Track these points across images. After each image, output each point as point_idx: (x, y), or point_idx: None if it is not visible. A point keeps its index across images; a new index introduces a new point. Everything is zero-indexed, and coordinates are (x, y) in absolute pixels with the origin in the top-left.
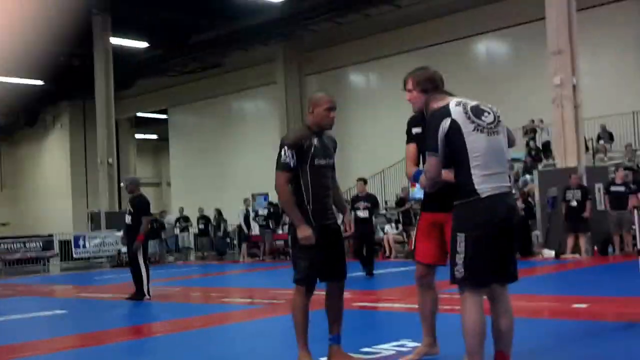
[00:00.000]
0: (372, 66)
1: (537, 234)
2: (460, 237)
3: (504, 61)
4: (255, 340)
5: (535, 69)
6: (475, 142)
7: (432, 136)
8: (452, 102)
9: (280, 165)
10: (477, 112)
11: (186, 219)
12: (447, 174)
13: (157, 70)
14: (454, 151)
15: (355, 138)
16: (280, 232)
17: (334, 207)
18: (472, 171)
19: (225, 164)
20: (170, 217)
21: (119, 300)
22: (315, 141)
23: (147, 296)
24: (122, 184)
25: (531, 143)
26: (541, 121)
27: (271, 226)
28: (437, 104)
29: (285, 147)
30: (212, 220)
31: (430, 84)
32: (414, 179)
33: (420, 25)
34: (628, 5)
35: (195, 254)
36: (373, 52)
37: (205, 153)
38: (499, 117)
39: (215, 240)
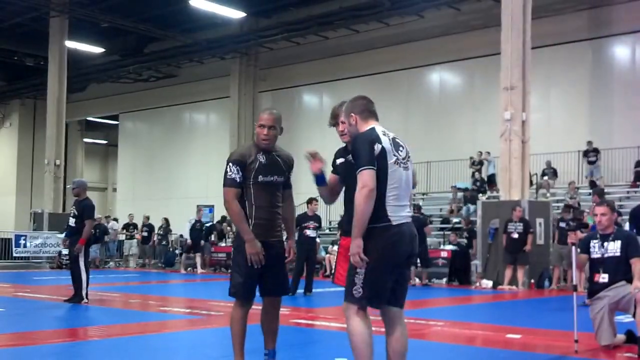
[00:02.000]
0: (325, 88)
1: (476, 263)
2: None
3: (456, 92)
4: (192, 350)
5: (486, 102)
6: (394, 174)
7: (368, 153)
8: (379, 129)
9: (227, 182)
10: (396, 145)
11: (135, 226)
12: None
13: (110, 76)
14: (376, 176)
15: (303, 158)
16: (223, 244)
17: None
18: (387, 199)
19: (173, 173)
20: (115, 223)
21: (57, 301)
22: (261, 158)
23: (85, 300)
24: (69, 186)
25: (476, 174)
26: (488, 153)
27: (212, 238)
28: (365, 126)
29: (230, 164)
30: (156, 229)
31: (367, 112)
32: (317, 182)
33: (376, 51)
34: (582, 46)
35: (137, 261)
36: (327, 74)
37: (153, 161)
38: (408, 153)
39: (159, 249)
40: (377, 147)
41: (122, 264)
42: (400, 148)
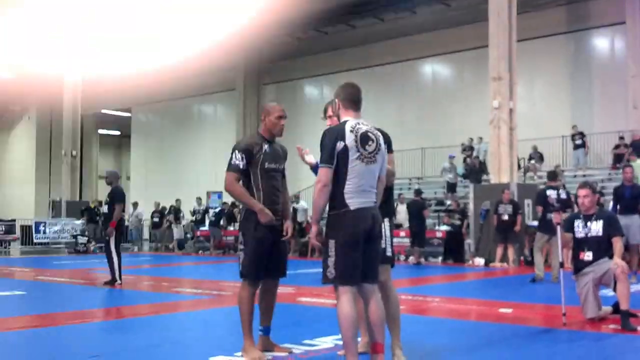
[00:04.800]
0: (325, 80)
1: (469, 242)
2: (332, 243)
3: (448, 83)
4: (203, 329)
5: (476, 92)
6: (354, 168)
7: (329, 151)
8: (348, 126)
9: (231, 167)
10: (364, 140)
11: (161, 213)
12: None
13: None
14: (337, 171)
15: (306, 146)
16: (231, 228)
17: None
18: (346, 189)
19: (183, 162)
20: (140, 211)
21: (75, 284)
22: (265, 147)
23: (119, 281)
24: (104, 177)
25: (468, 160)
26: (480, 139)
27: (221, 223)
28: (343, 115)
29: (236, 151)
30: (165, 214)
31: (349, 102)
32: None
33: (373, 45)
34: (563, 39)
35: (149, 245)
36: (328, 67)
37: (164, 151)
38: (380, 145)
39: (169, 233)
40: (340, 145)
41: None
42: (370, 142)
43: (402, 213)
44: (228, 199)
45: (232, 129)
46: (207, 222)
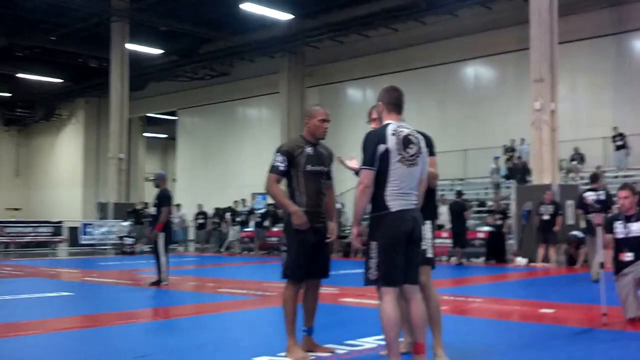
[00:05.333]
0: (368, 83)
1: (511, 243)
2: (373, 245)
3: (490, 85)
4: (247, 329)
5: (518, 93)
6: (396, 171)
7: (370, 153)
8: (390, 129)
9: (272, 168)
10: (406, 143)
11: (205, 215)
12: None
13: (169, 75)
14: (378, 173)
15: (349, 150)
16: (275, 229)
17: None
18: (387, 192)
19: (228, 164)
20: (184, 212)
21: (121, 285)
22: (308, 149)
23: (165, 282)
24: (152, 179)
25: (515, 160)
26: (523, 140)
27: (265, 224)
28: (386, 118)
29: (278, 154)
30: (209, 216)
31: (392, 105)
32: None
33: (415, 48)
34: (605, 41)
35: (195, 246)
36: (370, 70)
37: (210, 154)
38: (421, 148)
39: (215, 234)
40: (381, 148)
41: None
42: (412, 145)
43: (444, 214)
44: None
45: (276, 131)
46: (251, 223)
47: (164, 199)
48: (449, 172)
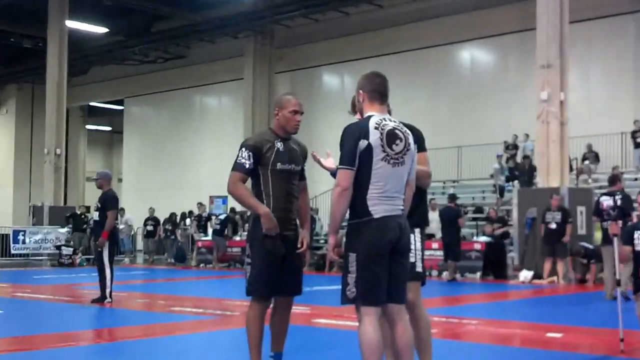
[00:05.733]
0: (348, 68)
1: (512, 256)
2: (352, 257)
3: (489, 71)
4: (205, 354)
5: (521, 81)
6: (379, 170)
7: (350, 150)
8: (372, 122)
9: (236, 166)
10: (391, 138)
11: (156, 221)
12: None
13: (115, 58)
14: (359, 173)
15: (325, 144)
16: (237, 238)
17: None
18: (369, 195)
19: (184, 162)
20: (130, 217)
21: (59, 302)
22: (278, 145)
23: (109, 299)
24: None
25: (510, 162)
26: (527, 136)
27: (226, 232)
28: (368, 109)
29: (243, 149)
30: (161, 222)
31: (375, 93)
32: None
33: (402, 28)
34: (625, 19)
35: (143, 257)
36: (350, 53)
37: (162, 149)
38: (409, 144)
39: (166, 243)
40: (362, 144)
41: (132, 259)
42: (398, 141)
43: (434, 222)
44: (235, 204)
45: (240, 124)
46: (209, 231)
47: (109, 202)
48: (441, 173)
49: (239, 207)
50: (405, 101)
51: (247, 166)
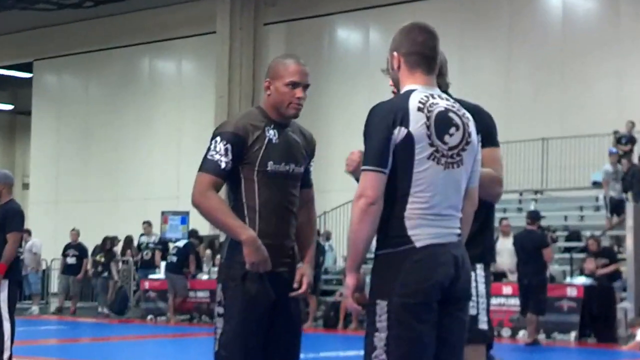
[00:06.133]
0: (374, 16)
1: (625, 307)
2: (382, 306)
3: (590, 26)
4: None
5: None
6: (424, 174)
7: (379, 144)
8: (414, 100)
9: (206, 164)
10: (443, 124)
11: (81, 250)
12: None
13: (18, 2)
14: (393, 179)
15: (337, 132)
16: (204, 277)
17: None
18: (408, 211)
19: (124, 160)
20: (36, 242)
21: None
22: (271, 134)
23: None
24: None
25: (622, 163)
26: None
27: (186, 268)
28: (407, 80)
29: (218, 139)
30: (89, 253)
31: (417, 57)
32: None
33: None
34: None
35: (61, 303)
36: None
37: (91, 141)
38: (469, 134)
39: (97, 283)
40: (399, 134)
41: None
42: (453, 130)
43: (505, 253)
44: (201, 223)
45: (209, 102)
46: (162, 265)
47: (11, 220)
48: (516, 179)
49: (206, 228)
50: (461, 69)
51: (223, 165)
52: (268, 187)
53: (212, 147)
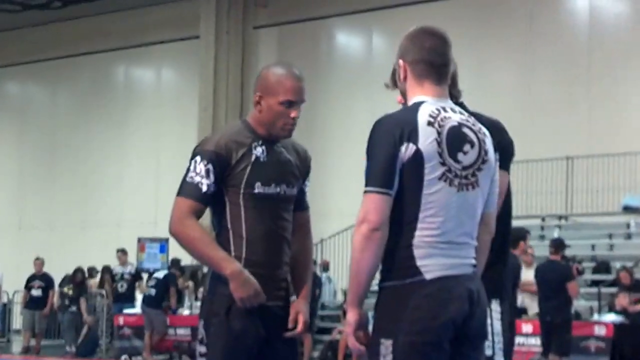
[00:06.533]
0: (377, 18)
1: None
2: (387, 346)
3: (621, 24)
4: None
5: None
6: (435, 196)
7: (384, 163)
8: (423, 113)
9: (185, 188)
10: (456, 141)
11: (47, 282)
12: None
13: None
14: (400, 201)
15: (337, 145)
16: (186, 312)
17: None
18: (417, 239)
19: (95, 181)
20: None
21: None
22: (259, 151)
23: None
24: None
25: None
26: None
27: (165, 302)
28: (414, 91)
29: (198, 158)
30: (56, 285)
31: (425, 66)
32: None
33: None
34: None
35: (24, 341)
36: None
37: (57, 158)
38: (486, 152)
39: (65, 319)
40: (407, 150)
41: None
42: (467, 147)
43: (527, 286)
44: (181, 253)
45: (192, 115)
46: (139, 299)
47: None
48: (538, 204)
49: (189, 258)
50: (474, 81)
51: (205, 189)
52: (256, 211)
53: (192, 167)
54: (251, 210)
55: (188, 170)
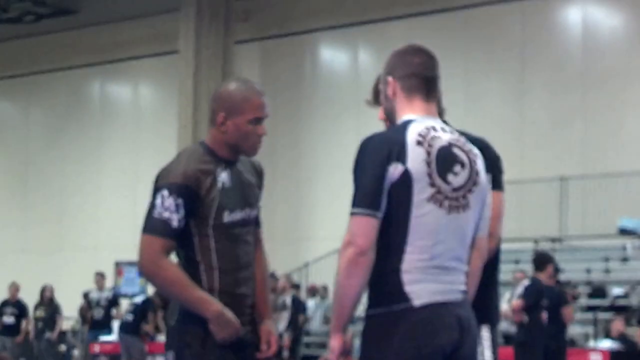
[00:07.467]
0: (358, 34)
1: None
2: None
3: (616, 38)
4: None
5: None
6: (424, 219)
7: (371, 184)
8: (412, 132)
9: (153, 226)
10: (446, 162)
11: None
12: None
13: None
14: (388, 224)
15: (323, 165)
16: (163, 338)
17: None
18: (405, 264)
19: (70, 199)
20: None
21: None
22: (223, 177)
23: None
24: None
25: None
26: None
27: (143, 328)
28: (404, 109)
29: (165, 193)
30: (30, 310)
31: (416, 81)
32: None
33: None
34: None
35: None
36: (361, 11)
37: (29, 178)
38: (476, 172)
39: (38, 346)
40: (394, 172)
41: None
42: (457, 167)
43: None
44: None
45: (171, 133)
46: (115, 325)
47: None
48: (531, 225)
49: None
50: (464, 98)
51: (175, 224)
52: (226, 240)
53: (159, 202)
54: (221, 240)
55: (154, 206)
